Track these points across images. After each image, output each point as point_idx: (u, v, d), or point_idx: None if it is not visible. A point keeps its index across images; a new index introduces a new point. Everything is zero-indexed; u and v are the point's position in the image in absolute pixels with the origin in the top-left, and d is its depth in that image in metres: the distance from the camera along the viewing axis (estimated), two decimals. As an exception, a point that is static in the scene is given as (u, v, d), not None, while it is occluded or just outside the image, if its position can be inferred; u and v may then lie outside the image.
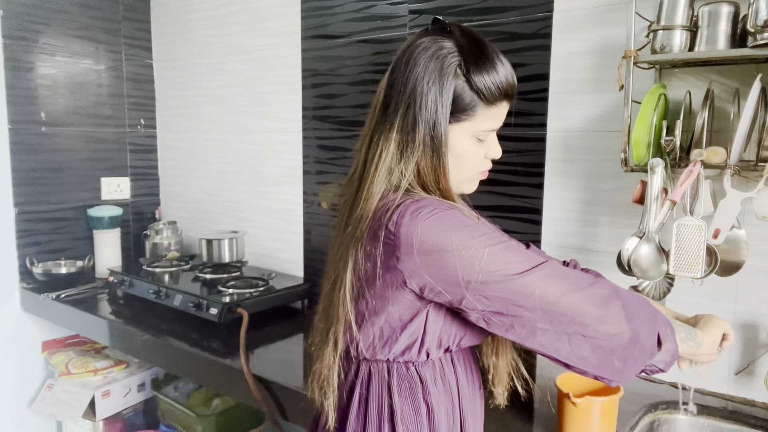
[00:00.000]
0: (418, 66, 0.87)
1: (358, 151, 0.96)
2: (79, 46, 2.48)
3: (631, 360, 0.82)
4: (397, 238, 0.82)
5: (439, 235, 0.81)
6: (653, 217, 1.28)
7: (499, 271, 0.81)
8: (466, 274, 0.80)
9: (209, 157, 2.59)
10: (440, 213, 0.84)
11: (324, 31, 2.11)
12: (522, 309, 0.81)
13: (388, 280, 0.85)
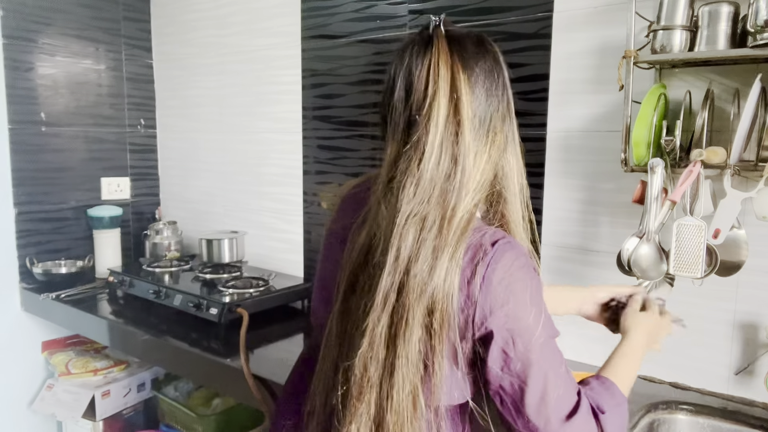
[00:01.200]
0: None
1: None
2: (79, 46, 2.48)
3: None
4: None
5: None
6: (653, 217, 1.28)
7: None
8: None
9: (209, 157, 2.59)
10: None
11: (324, 31, 2.11)
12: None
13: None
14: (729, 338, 1.41)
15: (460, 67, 0.77)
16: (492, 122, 0.80)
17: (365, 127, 2.02)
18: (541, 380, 0.75)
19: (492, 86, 0.80)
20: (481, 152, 0.79)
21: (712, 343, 1.43)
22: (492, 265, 0.75)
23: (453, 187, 0.76)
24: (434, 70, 0.76)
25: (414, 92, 0.78)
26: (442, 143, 0.76)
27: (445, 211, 0.75)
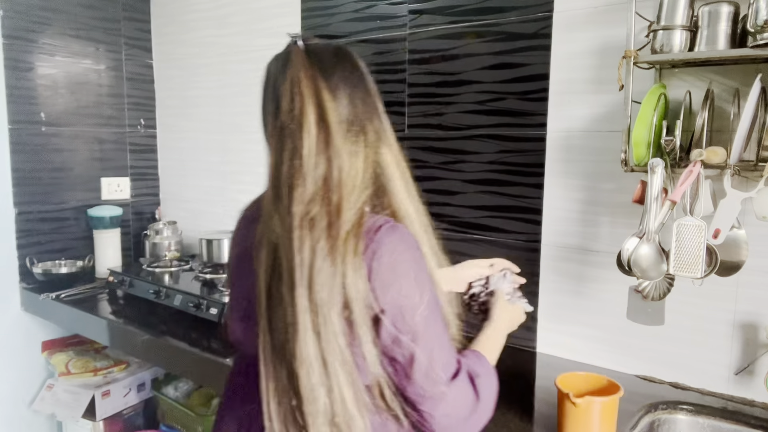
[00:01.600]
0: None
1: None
2: (79, 46, 2.48)
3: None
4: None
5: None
6: (653, 217, 1.28)
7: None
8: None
9: (209, 157, 2.59)
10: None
11: (324, 31, 2.10)
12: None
13: None
14: (729, 338, 1.41)
15: (320, 77, 0.84)
16: (360, 123, 0.86)
17: (365, 127, 2.02)
18: (427, 350, 0.84)
19: (354, 90, 0.87)
20: (354, 152, 0.85)
21: (712, 343, 1.43)
22: (378, 250, 0.81)
23: (333, 187, 0.82)
24: (296, 83, 0.83)
25: (281, 104, 0.84)
26: (315, 148, 0.81)
27: (331, 210, 0.81)
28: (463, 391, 0.89)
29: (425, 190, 1.88)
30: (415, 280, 0.84)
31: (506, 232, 1.73)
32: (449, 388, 0.86)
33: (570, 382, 1.22)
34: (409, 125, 1.91)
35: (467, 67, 1.76)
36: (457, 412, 0.88)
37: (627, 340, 1.54)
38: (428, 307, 0.85)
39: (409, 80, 1.90)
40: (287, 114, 0.83)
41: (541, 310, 1.69)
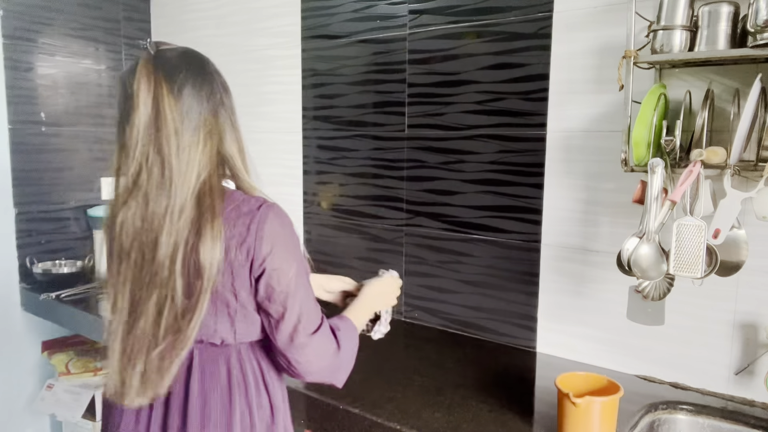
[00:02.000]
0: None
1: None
2: (79, 46, 2.48)
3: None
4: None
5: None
6: (653, 217, 1.28)
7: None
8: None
9: (209, 157, 2.59)
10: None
11: (324, 31, 2.11)
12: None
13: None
14: (729, 338, 1.41)
15: (163, 79, 0.95)
16: (202, 118, 0.98)
17: (365, 127, 2.02)
18: (296, 306, 1.01)
19: (199, 89, 0.99)
20: (196, 142, 0.97)
21: (712, 343, 1.43)
22: (260, 224, 0.99)
23: (168, 167, 0.94)
24: (137, 84, 0.94)
25: (126, 103, 0.97)
26: (148, 144, 0.94)
27: (173, 185, 0.94)
28: (324, 342, 1.05)
29: (425, 190, 1.89)
30: (289, 250, 1.02)
31: (506, 232, 1.73)
32: (312, 338, 1.02)
33: (570, 382, 1.22)
34: (409, 125, 1.91)
35: (467, 67, 1.76)
36: (319, 359, 1.04)
37: (627, 340, 1.55)
38: (298, 273, 1.03)
39: (409, 80, 1.90)
40: (128, 110, 0.95)
41: (541, 310, 1.69)
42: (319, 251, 2.23)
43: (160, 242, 0.93)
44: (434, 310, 1.92)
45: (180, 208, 0.94)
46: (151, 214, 0.94)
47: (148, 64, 0.96)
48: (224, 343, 1.02)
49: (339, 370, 1.09)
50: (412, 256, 1.95)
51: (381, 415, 1.30)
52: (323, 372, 1.06)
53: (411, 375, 1.53)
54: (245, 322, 1.02)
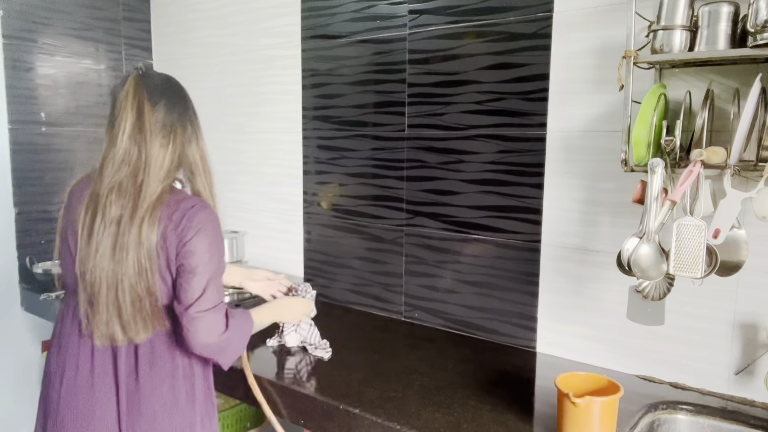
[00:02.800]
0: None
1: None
2: (79, 46, 2.48)
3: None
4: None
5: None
6: (653, 217, 1.28)
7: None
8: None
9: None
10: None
11: (324, 31, 2.11)
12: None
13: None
14: (729, 338, 1.41)
15: (144, 93, 1.24)
16: (173, 127, 1.27)
17: (365, 127, 2.02)
18: (201, 283, 1.23)
19: (172, 107, 1.27)
20: (164, 144, 1.25)
21: (712, 343, 1.43)
22: (190, 219, 1.22)
23: (141, 166, 1.22)
24: (125, 96, 1.23)
25: (115, 109, 1.25)
26: (131, 139, 1.23)
27: (137, 181, 1.22)
28: (216, 320, 1.25)
29: (425, 190, 1.89)
30: (209, 240, 1.24)
31: (506, 232, 1.73)
32: (206, 314, 1.23)
33: (570, 382, 1.22)
34: (409, 125, 1.91)
35: (467, 67, 1.76)
36: (207, 335, 1.23)
37: (627, 340, 1.55)
38: (211, 262, 1.24)
39: (409, 80, 1.90)
40: (116, 114, 1.25)
41: (541, 310, 1.69)
42: (319, 251, 2.23)
43: (137, 217, 1.20)
44: (434, 310, 1.92)
45: (147, 194, 1.21)
46: (133, 194, 1.21)
47: (136, 80, 1.25)
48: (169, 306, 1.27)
49: (224, 351, 1.29)
50: (412, 256, 1.95)
51: (381, 415, 1.30)
52: (210, 347, 1.25)
53: (411, 375, 1.53)
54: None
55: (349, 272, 2.14)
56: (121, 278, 1.19)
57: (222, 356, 1.29)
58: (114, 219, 1.21)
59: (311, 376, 1.53)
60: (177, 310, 1.23)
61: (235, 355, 1.32)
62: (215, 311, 1.25)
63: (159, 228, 1.20)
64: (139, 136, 1.23)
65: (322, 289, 2.23)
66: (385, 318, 2.02)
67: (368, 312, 2.09)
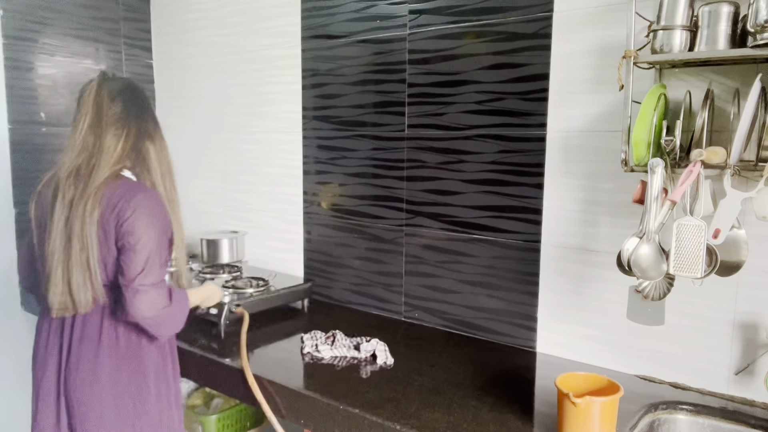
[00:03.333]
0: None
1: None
2: (79, 46, 2.48)
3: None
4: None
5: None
6: (653, 217, 1.28)
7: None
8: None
9: (210, 157, 2.59)
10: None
11: (324, 31, 2.11)
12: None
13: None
14: (729, 338, 1.41)
15: (105, 92, 1.43)
16: (127, 122, 1.44)
17: (365, 127, 2.02)
18: (142, 261, 1.36)
19: (130, 106, 1.45)
20: (117, 135, 1.42)
21: (712, 343, 1.43)
22: (128, 201, 1.37)
23: (95, 152, 1.40)
24: (89, 94, 1.43)
25: (80, 105, 1.44)
26: (89, 129, 1.41)
27: (90, 165, 1.39)
28: (159, 295, 1.39)
29: (425, 190, 1.89)
30: (149, 220, 1.38)
31: (506, 232, 1.73)
32: (150, 288, 1.36)
33: (570, 382, 1.22)
34: (409, 125, 1.91)
35: (467, 67, 1.76)
36: (150, 306, 1.36)
37: (627, 340, 1.55)
38: (150, 240, 1.37)
39: (409, 80, 1.90)
40: (79, 109, 1.44)
41: (541, 310, 1.69)
42: (319, 251, 2.23)
43: (85, 196, 1.35)
44: (434, 310, 1.92)
45: (95, 179, 1.37)
46: (83, 178, 1.38)
47: (99, 82, 1.45)
48: (103, 283, 1.39)
49: (164, 324, 1.42)
50: (412, 256, 1.95)
51: (381, 415, 1.30)
52: (152, 320, 1.38)
53: (411, 375, 1.53)
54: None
55: (349, 272, 2.14)
56: (70, 252, 1.35)
57: (161, 329, 1.42)
58: (69, 200, 1.37)
59: (311, 376, 1.53)
60: (121, 284, 1.36)
61: (172, 329, 1.46)
62: (157, 287, 1.38)
63: (100, 208, 1.35)
64: (97, 128, 1.40)
65: (322, 289, 2.23)
66: (385, 318, 2.02)
67: (368, 312, 2.09)
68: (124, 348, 1.42)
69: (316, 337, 1.73)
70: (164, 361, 1.50)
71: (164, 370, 1.50)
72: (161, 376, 1.49)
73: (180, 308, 1.46)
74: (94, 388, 1.39)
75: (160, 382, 1.48)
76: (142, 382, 1.43)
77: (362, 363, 1.61)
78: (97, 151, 1.40)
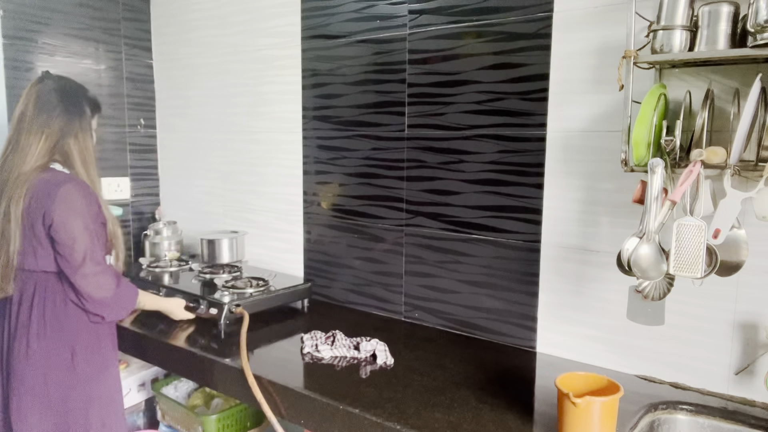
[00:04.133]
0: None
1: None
2: (79, 46, 2.48)
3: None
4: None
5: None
6: (653, 217, 1.28)
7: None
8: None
9: (210, 157, 2.59)
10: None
11: (324, 31, 2.11)
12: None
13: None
14: (729, 338, 1.41)
15: (34, 93, 1.55)
16: (48, 121, 1.54)
17: (365, 127, 2.02)
18: (81, 250, 1.48)
19: (54, 107, 1.55)
20: (38, 133, 1.52)
21: (712, 343, 1.43)
22: (63, 193, 1.47)
23: (18, 149, 1.52)
24: (23, 95, 1.57)
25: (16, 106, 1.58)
26: (16, 126, 1.54)
27: (15, 160, 1.51)
28: (106, 278, 1.53)
29: (425, 190, 1.89)
30: (76, 208, 1.48)
31: (506, 232, 1.73)
32: (96, 275, 1.50)
33: (570, 382, 1.22)
34: (409, 125, 1.91)
35: (467, 67, 1.76)
36: (99, 289, 1.52)
37: (627, 340, 1.55)
38: (84, 226, 1.49)
39: (409, 80, 1.90)
40: (15, 110, 1.57)
41: (541, 310, 1.69)
42: (319, 251, 2.23)
43: (8, 190, 1.48)
44: (434, 310, 1.92)
45: (18, 174, 1.49)
46: (7, 172, 1.50)
47: (33, 84, 1.57)
48: (33, 269, 1.51)
49: (111, 306, 1.56)
50: (412, 256, 1.95)
51: (381, 415, 1.30)
52: (102, 302, 1.53)
53: (411, 375, 1.53)
54: (45, 256, 1.50)
55: (349, 272, 2.14)
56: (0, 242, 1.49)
57: (108, 310, 1.56)
58: (6, 198, 1.50)
59: (311, 376, 1.53)
60: (67, 274, 1.50)
61: (119, 312, 1.59)
62: (103, 271, 1.53)
63: (25, 199, 1.46)
64: (21, 126, 1.53)
65: (322, 289, 2.23)
66: (385, 318, 2.03)
67: (368, 312, 2.09)
68: (50, 328, 1.52)
69: (316, 337, 1.73)
70: (98, 338, 1.60)
71: (97, 347, 1.60)
72: (96, 350, 1.59)
73: (127, 292, 1.61)
74: (24, 364, 1.51)
75: (94, 357, 1.59)
76: (68, 359, 1.54)
77: (362, 363, 1.61)
78: (21, 148, 1.52)
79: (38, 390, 1.51)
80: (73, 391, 1.54)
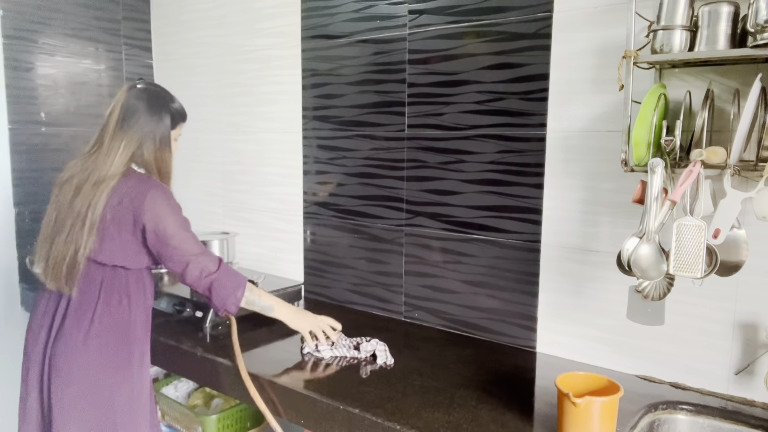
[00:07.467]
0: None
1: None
2: (79, 46, 2.48)
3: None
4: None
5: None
6: (653, 217, 1.28)
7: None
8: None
9: (209, 157, 2.59)
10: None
11: (324, 31, 2.11)
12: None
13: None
14: (729, 338, 1.41)
15: (121, 103, 1.58)
16: (132, 128, 1.56)
17: (365, 127, 2.02)
18: (175, 241, 1.53)
19: (143, 112, 1.57)
20: (119, 140, 1.55)
21: (712, 343, 1.43)
22: (150, 194, 1.51)
23: (104, 151, 1.55)
24: (115, 102, 1.59)
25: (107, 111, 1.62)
26: (103, 129, 1.58)
27: (99, 161, 1.54)
28: (208, 260, 1.57)
29: (425, 190, 1.89)
30: (169, 209, 1.53)
31: (506, 232, 1.73)
32: (198, 256, 1.56)
33: (570, 382, 1.22)
34: (409, 125, 1.91)
35: (467, 67, 1.76)
36: (201, 272, 1.55)
37: (627, 340, 1.55)
38: (175, 222, 1.54)
39: (409, 80, 1.90)
40: (105, 116, 1.60)
41: (541, 310, 1.69)
42: (319, 251, 2.23)
43: (93, 190, 1.50)
44: (434, 310, 1.92)
45: (98, 178, 1.51)
46: (87, 172, 1.53)
47: (123, 91, 1.60)
48: (114, 265, 1.54)
49: (214, 290, 1.56)
50: (412, 256, 1.95)
51: (381, 415, 1.30)
52: (201, 282, 1.56)
53: (411, 375, 1.53)
54: (133, 253, 1.54)
55: (349, 272, 2.14)
56: (61, 230, 1.51)
57: (213, 294, 1.57)
58: (76, 184, 1.53)
59: (311, 376, 1.53)
60: (175, 272, 1.58)
61: (225, 298, 1.57)
62: (204, 253, 1.58)
63: (109, 198, 1.49)
64: (106, 130, 1.57)
65: (322, 289, 2.23)
66: (385, 318, 2.02)
67: (368, 312, 2.09)
68: (109, 326, 1.52)
69: (317, 337, 1.73)
70: (141, 349, 1.60)
71: (141, 358, 1.59)
72: (139, 362, 1.59)
73: (227, 276, 1.58)
74: (71, 359, 1.52)
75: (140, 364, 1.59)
76: (126, 361, 1.55)
77: (362, 363, 1.61)
78: (103, 152, 1.54)
79: (87, 386, 1.51)
80: (121, 392, 1.54)
